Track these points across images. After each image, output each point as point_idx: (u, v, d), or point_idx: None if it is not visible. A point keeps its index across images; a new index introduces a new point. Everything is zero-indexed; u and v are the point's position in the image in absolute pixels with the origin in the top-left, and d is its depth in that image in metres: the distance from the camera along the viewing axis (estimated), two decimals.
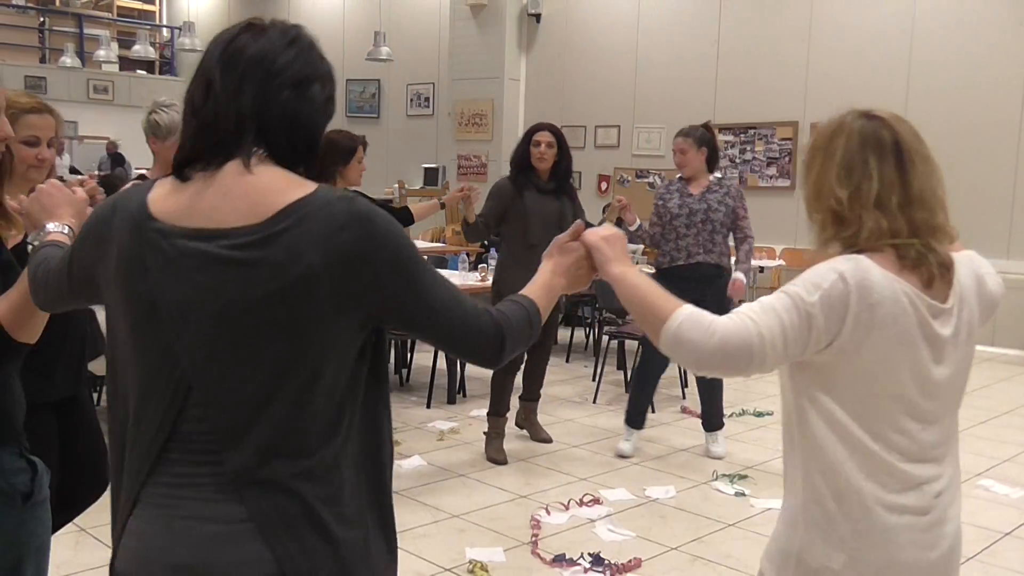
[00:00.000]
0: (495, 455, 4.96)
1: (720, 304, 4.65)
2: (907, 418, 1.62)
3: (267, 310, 1.31)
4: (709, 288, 4.78)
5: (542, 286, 1.61)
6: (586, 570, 3.60)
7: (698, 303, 1.62)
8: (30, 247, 1.67)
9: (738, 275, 4.99)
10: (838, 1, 9.55)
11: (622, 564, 3.64)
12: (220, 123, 1.35)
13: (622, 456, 5.08)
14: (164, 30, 17.60)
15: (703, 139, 5.00)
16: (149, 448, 1.37)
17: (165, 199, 1.38)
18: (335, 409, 1.37)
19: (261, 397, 1.33)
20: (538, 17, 11.83)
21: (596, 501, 4.36)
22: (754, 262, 8.55)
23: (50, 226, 1.68)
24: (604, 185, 11.45)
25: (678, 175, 5.12)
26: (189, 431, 1.35)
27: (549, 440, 5.30)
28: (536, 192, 4.86)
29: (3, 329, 1.69)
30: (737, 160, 10.32)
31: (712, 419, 5.23)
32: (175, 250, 1.33)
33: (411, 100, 13.74)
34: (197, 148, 1.37)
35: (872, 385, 1.60)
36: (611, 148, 11.44)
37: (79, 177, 2.92)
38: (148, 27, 17.12)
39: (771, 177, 10.05)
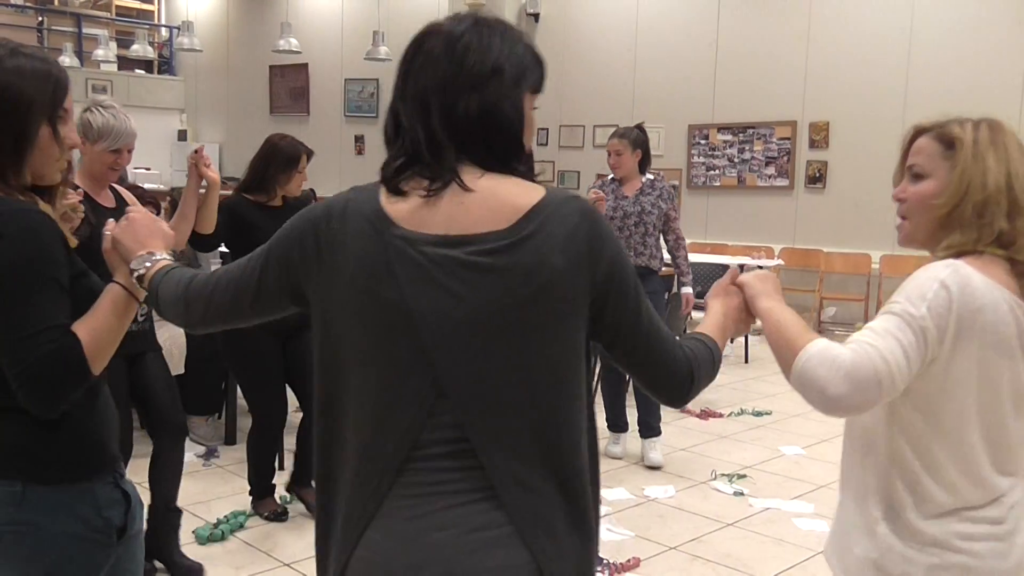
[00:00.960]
0: None
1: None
2: (998, 428, 1.63)
3: (519, 313, 1.32)
4: None
5: (718, 327, 1.63)
6: None
7: None
8: (135, 273, 1.62)
9: (686, 291, 5.13)
10: (837, 1, 9.56)
11: (621, 563, 3.64)
12: (438, 134, 1.37)
13: (614, 457, 5.09)
14: (163, 29, 17.58)
15: (638, 141, 4.99)
16: (392, 457, 1.34)
17: (396, 206, 1.36)
18: (579, 408, 1.39)
19: (516, 400, 1.33)
20: (536, 17, 11.82)
21: None
22: (753, 261, 8.55)
23: (157, 255, 1.63)
24: None
25: (610, 175, 5.13)
26: (440, 438, 1.33)
27: None
28: None
29: (85, 360, 1.57)
30: (736, 160, 10.32)
31: (620, 422, 5.21)
32: (424, 257, 1.32)
33: None
34: (414, 158, 1.38)
35: (966, 396, 1.59)
36: None
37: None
38: (147, 26, 17.10)
39: (770, 177, 10.04)
